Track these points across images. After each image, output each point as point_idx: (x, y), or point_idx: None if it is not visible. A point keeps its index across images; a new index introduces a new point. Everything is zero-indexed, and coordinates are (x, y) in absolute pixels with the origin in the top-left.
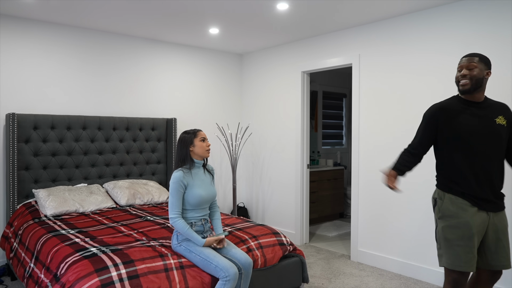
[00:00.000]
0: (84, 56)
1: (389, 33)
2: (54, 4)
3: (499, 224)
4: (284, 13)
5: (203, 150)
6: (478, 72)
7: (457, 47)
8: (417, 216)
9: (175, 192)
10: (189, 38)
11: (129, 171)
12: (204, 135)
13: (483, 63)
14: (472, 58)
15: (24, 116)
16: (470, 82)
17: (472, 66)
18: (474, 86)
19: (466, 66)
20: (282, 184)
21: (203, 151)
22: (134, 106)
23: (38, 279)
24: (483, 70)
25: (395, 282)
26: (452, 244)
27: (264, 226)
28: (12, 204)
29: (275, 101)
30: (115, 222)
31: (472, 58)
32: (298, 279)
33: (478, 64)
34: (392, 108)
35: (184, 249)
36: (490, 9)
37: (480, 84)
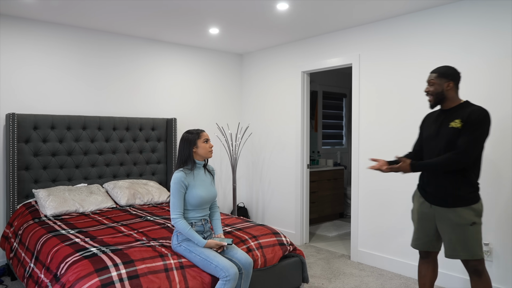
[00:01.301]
0: (84, 56)
1: (389, 33)
2: (54, 4)
3: (443, 218)
4: (284, 13)
5: (206, 151)
6: (437, 87)
7: (457, 47)
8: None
9: (176, 192)
10: (189, 38)
11: (129, 171)
12: (207, 136)
13: (442, 77)
14: (431, 75)
15: (24, 116)
16: (432, 97)
17: (431, 82)
18: (436, 101)
19: (427, 82)
20: (282, 184)
21: (206, 152)
22: (134, 106)
23: (38, 279)
24: (443, 84)
25: (395, 282)
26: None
27: (264, 226)
28: (12, 204)
29: (275, 101)
30: (115, 222)
31: (431, 75)
32: (298, 279)
33: (436, 80)
34: (392, 108)
35: (184, 249)
36: (490, 9)
37: (442, 97)
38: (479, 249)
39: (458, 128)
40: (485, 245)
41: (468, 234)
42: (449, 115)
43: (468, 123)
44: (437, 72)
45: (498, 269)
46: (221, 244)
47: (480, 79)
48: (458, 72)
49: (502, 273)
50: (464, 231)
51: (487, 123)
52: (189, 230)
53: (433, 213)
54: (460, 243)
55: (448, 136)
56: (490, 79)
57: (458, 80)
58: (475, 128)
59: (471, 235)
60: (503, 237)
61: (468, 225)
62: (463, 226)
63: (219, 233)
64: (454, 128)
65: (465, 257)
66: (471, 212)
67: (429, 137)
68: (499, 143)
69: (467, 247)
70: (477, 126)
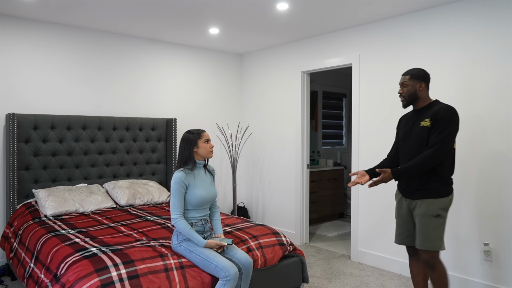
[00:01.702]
0: (84, 56)
1: (389, 33)
2: (54, 4)
3: (417, 210)
4: (284, 13)
5: (207, 151)
6: (410, 88)
7: (457, 47)
8: None
9: (176, 192)
10: (189, 38)
11: (129, 171)
12: (208, 136)
13: (415, 79)
14: (404, 77)
15: (24, 116)
16: (404, 99)
17: (404, 84)
18: (409, 101)
19: (400, 84)
20: (282, 184)
21: (206, 153)
22: (134, 106)
23: (38, 279)
24: (415, 85)
25: (395, 282)
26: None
27: (264, 226)
28: (12, 204)
29: (275, 101)
30: (115, 222)
31: (404, 77)
32: (298, 279)
33: (409, 82)
34: (392, 108)
35: (184, 249)
36: (490, 9)
37: (414, 97)
38: (438, 241)
39: (428, 127)
40: (485, 245)
41: (430, 225)
42: (420, 115)
43: (437, 121)
44: (410, 74)
45: (498, 269)
46: (221, 244)
47: (480, 79)
48: (428, 74)
49: (502, 273)
50: (428, 222)
51: (455, 120)
52: (189, 230)
53: (409, 206)
54: (424, 233)
55: (420, 135)
56: (490, 79)
57: (429, 80)
58: (444, 125)
59: (433, 227)
60: (503, 237)
61: (433, 217)
62: (428, 217)
63: (219, 233)
64: (424, 127)
65: (426, 247)
66: (438, 205)
67: (404, 137)
68: (503, 143)
69: (429, 238)
70: (445, 123)
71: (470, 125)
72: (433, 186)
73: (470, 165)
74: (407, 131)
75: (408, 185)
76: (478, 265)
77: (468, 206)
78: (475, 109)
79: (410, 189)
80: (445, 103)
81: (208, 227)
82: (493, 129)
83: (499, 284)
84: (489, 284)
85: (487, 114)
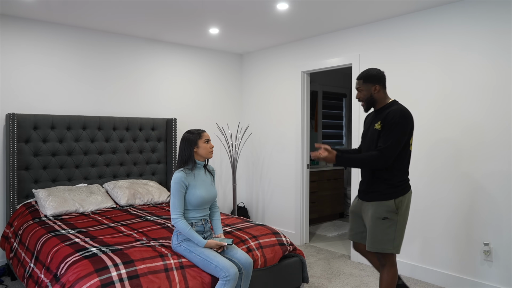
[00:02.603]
0: (84, 56)
1: (389, 33)
2: (54, 4)
3: (368, 212)
4: (284, 13)
5: (207, 152)
6: (365, 93)
7: (457, 47)
8: (417, 216)
9: (176, 192)
10: (189, 38)
11: (129, 171)
12: (208, 136)
13: (368, 82)
14: (358, 82)
15: (24, 116)
16: (363, 103)
17: (359, 89)
18: (368, 105)
19: (356, 89)
20: (282, 184)
21: (206, 153)
22: (134, 106)
23: (38, 279)
24: (370, 88)
25: None
26: None
27: (264, 226)
28: (12, 204)
29: (275, 101)
30: (115, 222)
31: (358, 82)
32: (298, 279)
33: (363, 86)
34: None
35: (184, 249)
36: (490, 9)
37: (372, 100)
38: (389, 244)
39: (378, 130)
40: (485, 245)
41: (379, 227)
42: (376, 117)
43: (386, 125)
44: (362, 78)
45: (498, 269)
46: (221, 244)
47: (480, 79)
48: (382, 73)
49: (502, 273)
50: (376, 224)
51: (403, 123)
52: (189, 230)
53: (360, 206)
54: (372, 235)
55: (372, 137)
56: (490, 79)
57: (384, 81)
58: (391, 129)
59: (382, 229)
60: (503, 237)
61: (380, 219)
62: (375, 219)
63: (219, 233)
64: (376, 130)
65: (374, 249)
66: (384, 208)
67: (363, 137)
68: (503, 143)
69: (377, 240)
70: (393, 127)
71: (469, 124)
72: (380, 189)
73: (470, 165)
74: (365, 131)
75: (362, 187)
76: (478, 265)
77: (468, 206)
78: (475, 109)
79: (363, 190)
80: (400, 104)
81: (208, 227)
82: (493, 128)
83: (499, 284)
84: (489, 284)
85: (487, 114)
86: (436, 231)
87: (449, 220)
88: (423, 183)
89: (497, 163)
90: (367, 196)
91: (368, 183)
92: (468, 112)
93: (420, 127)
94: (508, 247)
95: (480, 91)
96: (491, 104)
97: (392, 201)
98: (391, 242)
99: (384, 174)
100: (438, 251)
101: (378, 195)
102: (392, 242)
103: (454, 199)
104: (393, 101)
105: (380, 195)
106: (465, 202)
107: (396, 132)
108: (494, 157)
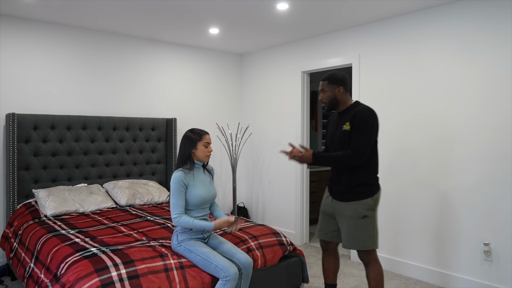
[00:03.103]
0: (84, 56)
1: (389, 33)
2: (54, 4)
3: (341, 212)
4: (284, 13)
5: (204, 155)
6: (329, 94)
7: (457, 47)
8: (416, 216)
9: (176, 192)
10: (189, 38)
11: (129, 171)
12: (209, 140)
13: (332, 84)
14: (322, 83)
15: (24, 116)
16: (325, 104)
17: (324, 90)
18: (330, 106)
19: (320, 90)
20: (282, 184)
21: (203, 156)
22: (134, 106)
23: (38, 279)
24: (334, 90)
25: (395, 282)
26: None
27: (264, 226)
28: (12, 204)
29: (275, 101)
30: (115, 222)
31: (322, 83)
32: (298, 279)
33: (327, 87)
34: (392, 107)
35: (184, 249)
36: (489, 9)
37: (335, 102)
38: (370, 240)
39: (348, 130)
40: (485, 245)
41: (360, 226)
42: (342, 118)
43: (355, 125)
44: (327, 80)
45: (498, 269)
46: (229, 219)
47: (480, 79)
48: (346, 77)
49: (502, 273)
50: (356, 223)
51: (372, 121)
52: (193, 222)
53: (334, 207)
54: (353, 234)
55: (341, 138)
56: (490, 79)
57: (347, 83)
58: (362, 127)
59: (363, 227)
60: (503, 237)
61: (360, 218)
62: (355, 218)
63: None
64: (346, 131)
65: (356, 247)
66: (363, 206)
67: (329, 138)
68: (505, 143)
69: (358, 239)
70: (363, 126)
71: (470, 124)
72: (357, 189)
73: (470, 165)
74: (332, 133)
75: (337, 187)
76: (478, 265)
77: (468, 206)
78: (475, 108)
79: (338, 192)
80: (364, 104)
81: None
82: (494, 128)
83: (499, 284)
84: (489, 284)
85: (487, 113)
86: (436, 231)
87: (449, 220)
88: (423, 185)
89: (496, 163)
90: (343, 196)
91: (346, 184)
92: (468, 111)
93: (420, 127)
94: (508, 247)
95: (480, 91)
96: (492, 104)
97: (370, 199)
98: (372, 239)
99: (361, 174)
100: (438, 251)
101: (357, 195)
102: (372, 239)
103: (455, 199)
104: (356, 102)
105: (358, 194)
106: (465, 202)
107: (367, 130)
108: (494, 157)
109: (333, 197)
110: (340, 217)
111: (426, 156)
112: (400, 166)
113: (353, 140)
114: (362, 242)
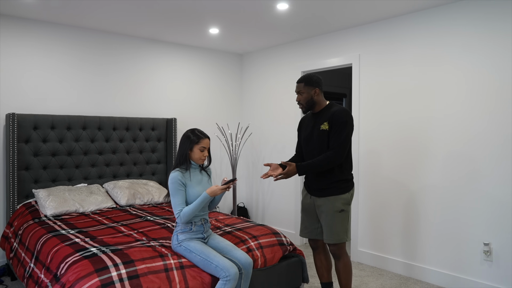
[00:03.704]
0: (84, 56)
1: (389, 33)
2: (54, 4)
3: (322, 207)
4: (284, 13)
5: (197, 159)
6: (306, 95)
7: (457, 47)
8: (417, 216)
9: (175, 191)
10: (189, 38)
11: (129, 171)
12: (207, 144)
13: (309, 85)
14: (299, 85)
15: (24, 116)
16: (302, 106)
17: (300, 92)
18: (307, 107)
19: (297, 92)
20: (282, 184)
21: (197, 159)
22: (134, 106)
23: (38, 279)
24: (310, 91)
25: (395, 282)
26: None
27: (264, 226)
28: (12, 204)
29: (275, 101)
30: (115, 222)
31: (299, 85)
32: (298, 279)
33: (304, 89)
34: (392, 107)
35: (184, 249)
36: (490, 9)
37: (311, 103)
38: (344, 234)
39: (326, 130)
40: (485, 245)
41: (336, 220)
42: (318, 118)
43: (334, 124)
44: (304, 82)
45: (498, 269)
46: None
47: (480, 79)
48: (320, 79)
49: (502, 273)
50: (333, 217)
51: (350, 121)
52: (193, 205)
53: (313, 203)
54: (331, 228)
55: (320, 137)
56: (490, 79)
57: (322, 85)
58: (341, 128)
59: (339, 221)
60: (503, 237)
61: (338, 212)
62: (333, 213)
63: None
64: (324, 130)
65: (333, 241)
66: (341, 201)
67: (306, 139)
68: (505, 143)
69: (336, 232)
70: (342, 125)
71: (470, 124)
72: (336, 185)
73: (470, 165)
74: (308, 133)
75: (314, 184)
76: (478, 265)
77: (468, 206)
78: (474, 109)
79: (316, 188)
80: (339, 105)
81: (208, 227)
82: (493, 128)
83: (499, 284)
84: (489, 284)
85: (486, 113)
86: (436, 231)
87: (449, 220)
88: (422, 185)
89: (496, 163)
90: (322, 192)
91: (324, 181)
92: (468, 111)
93: (420, 126)
94: (508, 247)
95: (480, 91)
96: (491, 104)
97: (347, 194)
98: (345, 233)
99: (337, 171)
100: (438, 251)
101: (335, 190)
102: (346, 232)
103: (456, 199)
104: (331, 103)
105: (337, 189)
106: (465, 202)
107: (346, 130)
108: (494, 156)
109: (312, 194)
110: (320, 212)
111: (427, 154)
112: (403, 165)
113: (333, 140)
114: (338, 236)
